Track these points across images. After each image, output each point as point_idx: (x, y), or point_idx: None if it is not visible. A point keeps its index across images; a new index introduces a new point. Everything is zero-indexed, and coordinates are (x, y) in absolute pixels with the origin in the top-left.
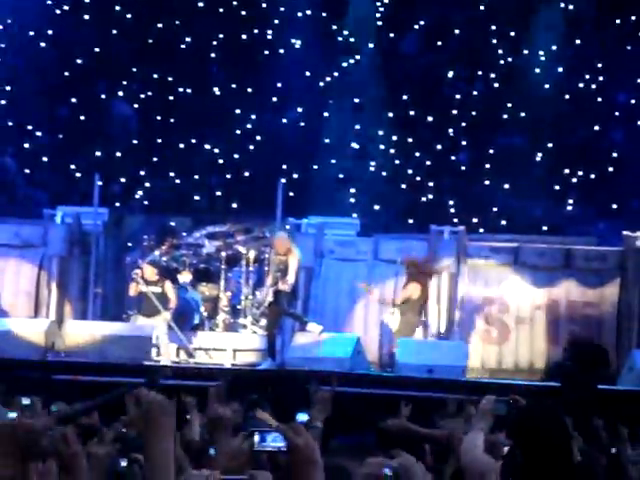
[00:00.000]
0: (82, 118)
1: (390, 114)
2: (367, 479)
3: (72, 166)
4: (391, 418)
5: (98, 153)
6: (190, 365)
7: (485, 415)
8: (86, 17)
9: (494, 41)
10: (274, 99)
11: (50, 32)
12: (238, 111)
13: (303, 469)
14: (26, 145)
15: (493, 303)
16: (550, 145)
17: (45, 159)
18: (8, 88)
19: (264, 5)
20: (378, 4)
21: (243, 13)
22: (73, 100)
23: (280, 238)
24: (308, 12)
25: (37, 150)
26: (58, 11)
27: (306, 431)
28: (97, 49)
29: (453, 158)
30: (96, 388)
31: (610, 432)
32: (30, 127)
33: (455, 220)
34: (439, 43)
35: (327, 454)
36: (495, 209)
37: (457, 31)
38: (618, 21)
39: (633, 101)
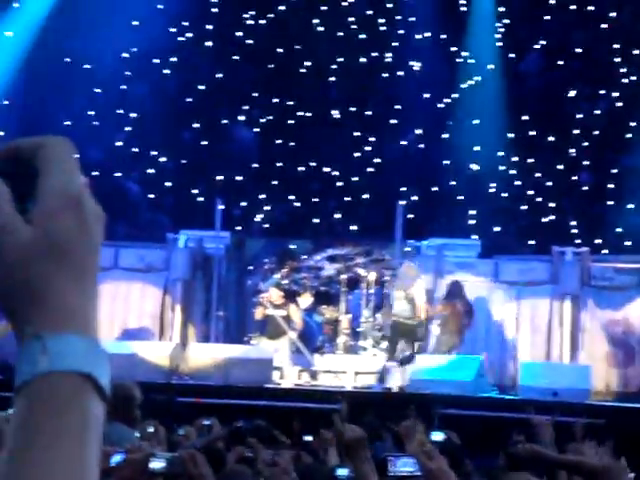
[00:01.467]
0: (204, 143)
1: (510, 135)
2: None
3: (194, 190)
4: (523, 442)
5: (220, 177)
6: (313, 387)
7: None
8: (208, 44)
9: (617, 59)
10: (393, 121)
11: (174, 59)
12: (357, 134)
13: None
14: (150, 170)
15: (618, 325)
16: None
17: (168, 184)
18: (133, 115)
19: (383, 28)
20: (498, 24)
21: (362, 36)
22: (196, 125)
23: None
24: (427, 34)
25: (160, 175)
26: (181, 38)
27: (440, 455)
28: (219, 75)
29: (574, 178)
30: (218, 410)
31: None
32: (154, 152)
33: (577, 241)
34: (560, 62)
35: (461, 477)
36: (619, 229)
37: (579, 50)
38: None
39: None
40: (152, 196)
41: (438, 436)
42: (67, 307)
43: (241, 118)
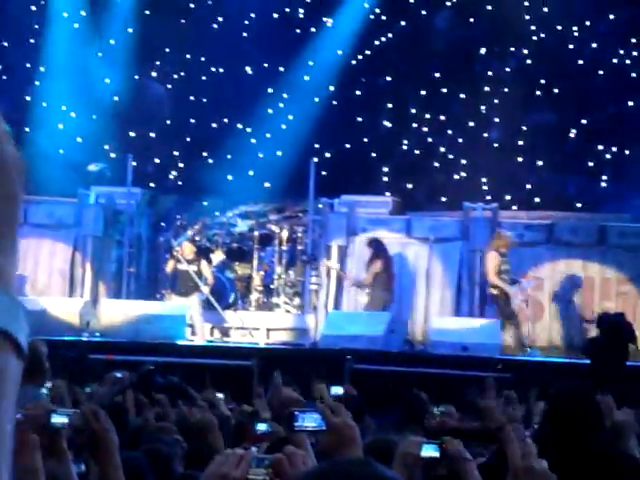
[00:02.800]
0: (116, 99)
1: (422, 92)
2: (405, 458)
3: (106, 147)
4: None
5: (132, 134)
6: (224, 344)
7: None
8: None
9: (527, 17)
10: (306, 78)
11: (84, 13)
12: (270, 90)
13: (341, 449)
14: (60, 125)
15: (527, 281)
16: (584, 121)
17: (79, 140)
18: (42, 69)
19: None
20: None
21: None
22: (107, 81)
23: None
24: None
25: (72, 130)
26: None
27: (345, 410)
28: (130, 29)
29: (485, 135)
30: (130, 367)
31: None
32: (64, 107)
33: (488, 197)
34: (471, 20)
35: (362, 431)
36: (528, 186)
37: (489, 7)
38: None
39: None
40: (62, 152)
41: (338, 390)
42: None
43: (153, 74)
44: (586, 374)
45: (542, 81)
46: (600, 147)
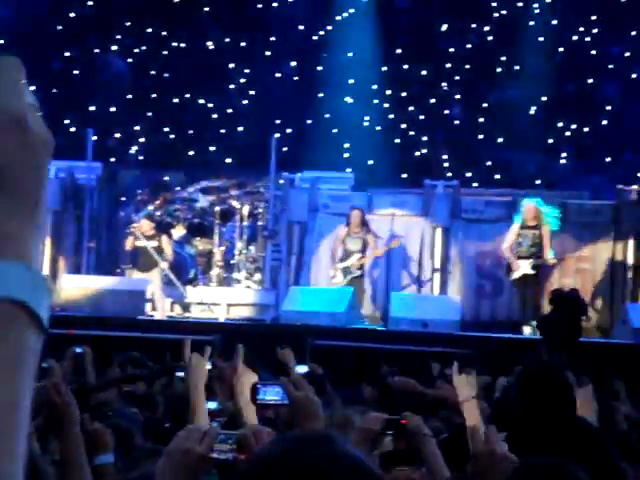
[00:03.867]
0: (76, 72)
1: (384, 68)
2: (365, 434)
3: (66, 121)
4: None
5: (92, 108)
6: (185, 319)
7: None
8: None
9: None
10: (268, 53)
11: None
12: (232, 65)
13: (304, 423)
14: None
15: (487, 257)
16: (544, 98)
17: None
18: (1, 41)
19: None
20: None
21: None
22: (67, 54)
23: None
24: None
25: None
26: None
27: (308, 384)
28: (90, 2)
29: (447, 112)
30: (90, 342)
31: (605, 387)
32: (22, 81)
33: (449, 174)
34: None
35: (325, 406)
36: (489, 163)
37: None
38: None
39: (627, 54)
40: None
41: (302, 369)
42: (7, 233)
43: (114, 48)
44: (539, 349)
45: (503, 58)
46: (560, 124)
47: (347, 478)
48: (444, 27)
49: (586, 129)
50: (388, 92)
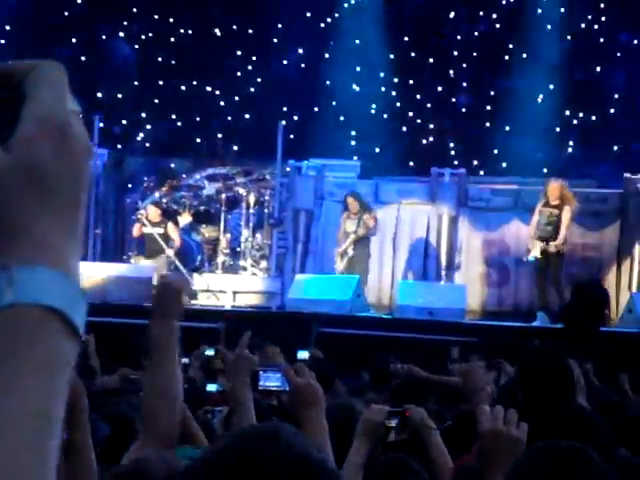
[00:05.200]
0: (83, 59)
1: (391, 56)
2: (368, 424)
3: None
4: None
5: (99, 94)
6: (191, 306)
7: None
8: None
9: None
10: (275, 40)
11: None
12: (239, 53)
13: (304, 409)
14: None
15: (493, 245)
16: (551, 87)
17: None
18: (7, 27)
19: None
20: None
21: None
22: (73, 40)
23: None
24: None
25: None
26: None
27: (309, 371)
28: None
29: (454, 100)
30: (96, 328)
31: (609, 376)
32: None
33: (456, 162)
34: None
35: (330, 394)
36: (496, 151)
37: None
38: None
39: (635, 42)
40: None
41: (304, 354)
42: (42, 239)
43: (121, 34)
44: (559, 339)
45: (510, 46)
46: (567, 112)
47: (289, 475)
48: (451, 14)
49: (594, 117)
50: (395, 80)
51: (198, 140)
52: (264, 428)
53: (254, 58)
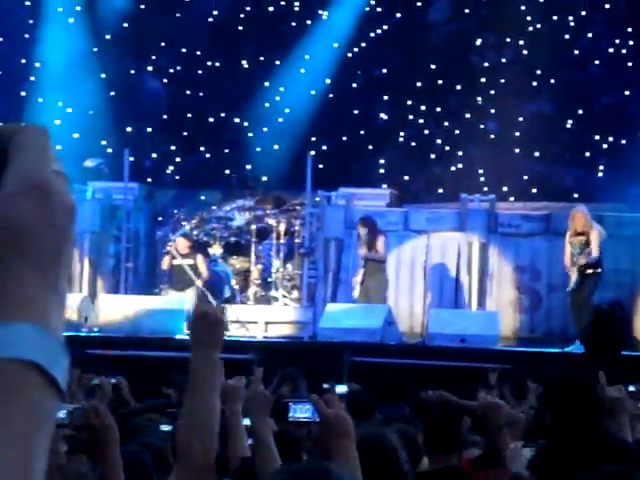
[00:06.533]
0: (112, 94)
1: (418, 83)
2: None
3: (103, 142)
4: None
5: (128, 129)
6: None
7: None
8: None
9: (522, 7)
10: (302, 71)
11: (78, 8)
12: (267, 84)
13: (334, 441)
14: (57, 121)
15: (524, 271)
16: (580, 111)
17: (76, 135)
18: (37, 64)
19: None
20: None
21: None
22: (103, 75)
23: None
24: None
25: (68, 126)
26: None
27: (339, 402)
28: (125, 24)
29: (482, 126)
30: (128, 362)
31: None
32: (60, 103)
33: (485, 189)
34: (466, 11)
35: (370, 424)
36: (525, 177)
37: None
38: None
39: None
40: (60, 147)
41: (342, 388)
42: (22, 295)
43: (149, 68)
44: (581, 363)
45: (538, 71)
46: (597, 137)
47: None
48: (478, 41)
49: (623, 141)
50: (423, 107)
51: (227, 171)
52: (316, 465)
53: (282, 89)
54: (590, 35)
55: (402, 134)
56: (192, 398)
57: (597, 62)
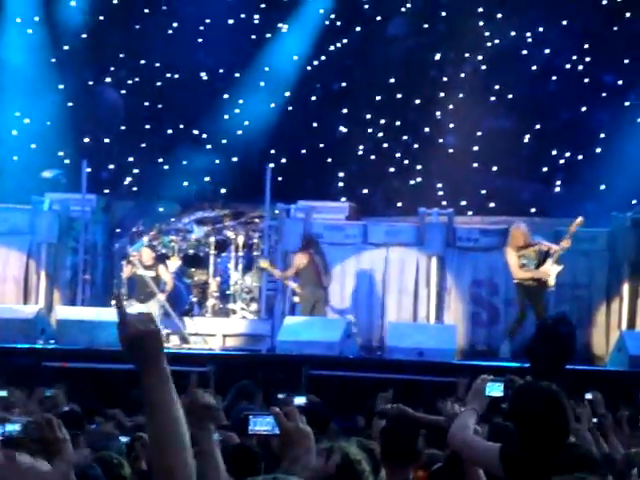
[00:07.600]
0: (70, 104)
1: (378, 97)
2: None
3: (61, 153)
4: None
5: (86, 139)
6: (182, 350)
7: (479, 395)
8: (73, 3)
9: (480, 23)
10: (262, 83)
11: (37, 18)
12: (226, 96)
13: (294, 453)
14: (14, 132)
15: (482, 285)
16: (537, 127)
17: (33, 146)
18: None
19: None
20: None
21: None
22: (61, 86)
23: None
24: None
25: (26, 137)
26: None
27: (300, 415)
28: (84, 35)
29: (441, 141)
30: (85, 374)
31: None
32: (18, 114)
33: (443, 203)
34: (425, 26)
35: (326, 436)
36: (483, 191)
37: (443, 13)
38: (605, 1)
39: (620, 82)
40: (16, 158)
41: (300, 400)
42: None
43: (108, 80)
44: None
45: (496, 87)
46: (554, 152)
47: None
48: (437, 56)
49: (579, 157)
50: (382, 121)
51: (186, 183)
52: None
53: (241, 101)
54: (547, 51)
55: (361, 147)
56: (150, 415)
57: (554, 78)
